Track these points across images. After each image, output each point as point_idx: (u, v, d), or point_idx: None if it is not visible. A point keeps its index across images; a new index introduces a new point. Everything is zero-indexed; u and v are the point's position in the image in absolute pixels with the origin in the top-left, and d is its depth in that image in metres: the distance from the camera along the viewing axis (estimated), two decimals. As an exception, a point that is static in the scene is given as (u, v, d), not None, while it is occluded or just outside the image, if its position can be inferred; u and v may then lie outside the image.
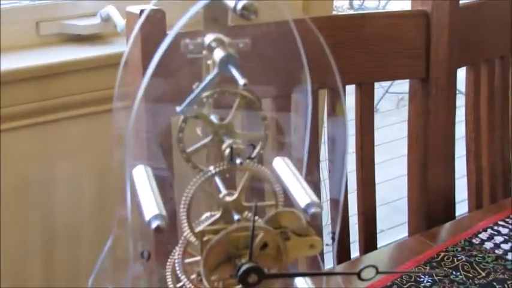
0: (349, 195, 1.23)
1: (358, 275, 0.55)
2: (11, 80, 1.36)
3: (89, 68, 1.44)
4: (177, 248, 0.61)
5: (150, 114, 0.98)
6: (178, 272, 0.59)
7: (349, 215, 1.25)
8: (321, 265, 0.67)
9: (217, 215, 0.55)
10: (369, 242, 1.28)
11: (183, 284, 0.62)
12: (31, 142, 1.44)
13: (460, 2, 1.29)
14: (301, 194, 0.57)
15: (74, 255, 1.55)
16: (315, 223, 0.58)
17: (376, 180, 1.30)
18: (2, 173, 1.41)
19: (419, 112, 1.29)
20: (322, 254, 0.89)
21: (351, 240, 1.26)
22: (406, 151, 1.33)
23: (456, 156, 1.36)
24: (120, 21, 1.47)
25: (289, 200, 0.59)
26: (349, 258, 1.22)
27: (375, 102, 4.32)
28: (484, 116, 1.41)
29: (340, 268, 1.02)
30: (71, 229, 1.53)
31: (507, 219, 1.24)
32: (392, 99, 4.36)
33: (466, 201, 1.43)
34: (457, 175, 1.37)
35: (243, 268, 0.52)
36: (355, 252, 1.25)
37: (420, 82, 1.28)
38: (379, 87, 4.31)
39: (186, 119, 0.56)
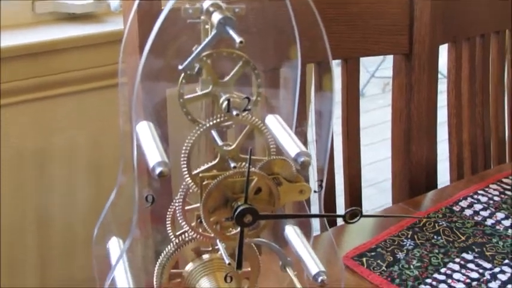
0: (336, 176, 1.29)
1: (344, 217, 0.60)
2: (9, 57, 1.40)
3: (86, 46, 1.48)
4: (176, 198, 0.66)
5: (146, 88, 1.02)
6: (178, 217, 0.64)
7: (336, 195, 1.30)
8: (307, 210, 0.72)
9: (215, 161, 0.61)
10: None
11: (183, 232, 0.67)
12: (29, 117, 1.47)
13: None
14: (292, 145, 0.62)
15: (69, 226, 1.59)
16: (304, 173, 0.63)
17: (363, 162, 1.35)
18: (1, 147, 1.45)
19: (402, 86, 1.33)
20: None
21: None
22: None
23: (439, 140, 1.41)
24: (113, 0, 1.51)
25: (280, 153, 0.64)
26: (336, 224, 1.26)
27: (361, 86, 4.36)
28: (465, 92, 1.46)
29: (329, 231, 1.06)
30: (67, 199, 1.57)
31: (486, 189, 1.29)
32: (379, 83, 4.41)
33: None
34: (439, 157, 1.42)
35: (239, 209, 0.58)
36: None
37: (404, 58, 1.33)
38: (366, 72, 4.36)
39: (186, 75, 0.61)
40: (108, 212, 0.72)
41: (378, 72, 4.37)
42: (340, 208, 1.30)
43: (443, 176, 1.47)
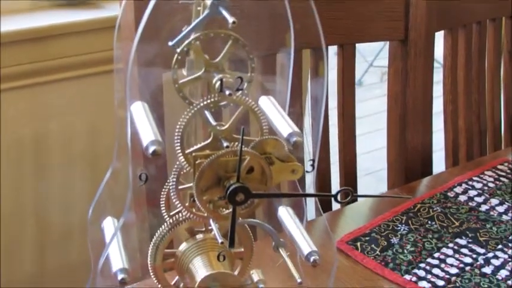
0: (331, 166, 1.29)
1: (335, 197, 0.60)
2: (8, 42, 1.40)
3: (84, 31, 1.48)
4: (170, 178, 0.66)
5: (142, 72, 1.02)
6: (172, 197, 0.65)
7: (332, 185, 1.31)
8: (299, 190, 0.73)
9: (208, 141, 0.61)
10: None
11: (177, 212, 0.68)
12: (28, 102, 1.48)
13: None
14: (284, 125, 0.62)
15: (67, 211, 1.59)
16: (296, 153, 0.63)
17: (360, 151, 1.35)
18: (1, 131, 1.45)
19: (398, 73, 1.34)
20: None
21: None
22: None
23: (434, 129, 1.42)
24: (111, -14, 1.51)
25: (273, 133, 0.64)
26: (331, 209, 1.27)
27: (359, 76, 4.32)
28: (461, 79, 1.47)
29: (324, 216, 1.07)
30: (65, 184, 1.57)
31: (481, 175, 1.30)
32: (376, 72, 4.41)
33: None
34: (435, 147, 1.42)
35: (232, 188, 0.58)
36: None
37: (399, 44, 1.33)
38: (364, 61, 4.35)
39: (181, 52, 0.61)
40: (103, 193, 0.72)
41: (376, 62, 4.37)
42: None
43: (439, 167, 1.48)
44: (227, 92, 0.60)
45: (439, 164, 1.47)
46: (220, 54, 0.65)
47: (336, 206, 1.29)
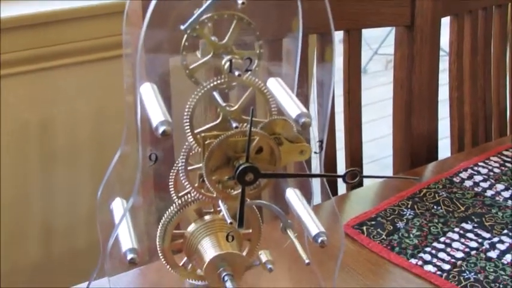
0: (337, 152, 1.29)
1: (343, 178, 0.61)
2: (10, 27, 1.40)
3: (88, 17, 1.48)
4: (179, 159, 0.67)
5: (151, 58, 1.02)
6: (181, 178, 0.65)
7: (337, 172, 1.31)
8: (306, 171, 0.73)
9: (217, 121, 0.62)
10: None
11: (186, 193, 0.68)
12: (29, 88, 1.48)
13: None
14: (293, 106, 0.63)
15: (72, 197, 1.59)
16: (305, 134, 0.64)
17: (365, 139, 1.35)
18: (2, 118, 1.45)
19: (404, 59, 1.34)
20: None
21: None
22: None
23: (440, 117, 1.42)
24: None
25: (281, 114, 0.65)
26: (337, 194, 1.28)
27: (364, 63, 4.30)
28: (466, 65, 1.47)
29: (333, 199, 1.07)
30: (69, 170, 1.57)
31: (487, 161, 1.30)
32: (381, 60, 4.40)
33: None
34: (441, 135, 1.43)
35: (241, 167, 0.59)
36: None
37: (406, 30, 1.33)
38: (369, 49, 4.35)
39: (188, 38, 0.62)
40: (112, 176, 0.73)
41: (380, 49, 4.36)
42: (341, 181, 1.31)
43: (445, 153, 1.48)
44: (236, 73, 0.60)
45: (444, 151, 1.47)
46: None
47: (341, 190, 1.30)
